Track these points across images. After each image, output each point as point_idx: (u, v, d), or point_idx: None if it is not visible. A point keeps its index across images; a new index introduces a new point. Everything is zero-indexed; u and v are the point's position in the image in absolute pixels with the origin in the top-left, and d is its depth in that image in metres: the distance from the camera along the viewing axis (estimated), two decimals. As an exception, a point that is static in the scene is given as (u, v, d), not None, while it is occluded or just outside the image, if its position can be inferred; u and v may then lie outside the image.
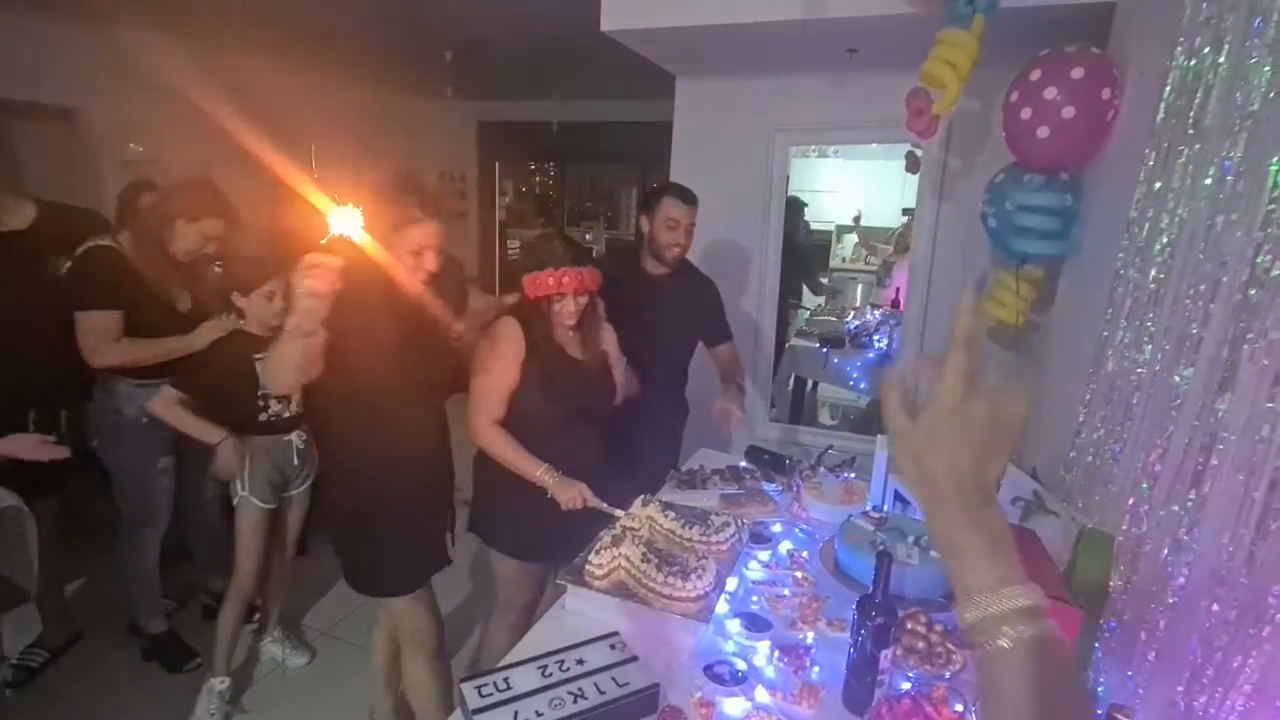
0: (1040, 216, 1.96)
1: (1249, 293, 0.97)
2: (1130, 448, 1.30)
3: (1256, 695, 0.81)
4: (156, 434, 2.22)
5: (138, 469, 2.29)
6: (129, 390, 2.21)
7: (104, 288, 2.10)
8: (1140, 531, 1.19)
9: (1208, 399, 1.03)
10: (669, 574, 1.39)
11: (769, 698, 1.21)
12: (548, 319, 1.78)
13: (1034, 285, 2.22)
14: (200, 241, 2.20)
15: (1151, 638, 1.07)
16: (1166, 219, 1.30)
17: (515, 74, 5.04)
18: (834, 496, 1.88)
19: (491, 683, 1.16)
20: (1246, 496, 0.89)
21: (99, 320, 2.10)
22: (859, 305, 5.77)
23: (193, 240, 2.19)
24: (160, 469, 2.31)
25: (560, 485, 1.74)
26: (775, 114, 3.33)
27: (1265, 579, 0.82)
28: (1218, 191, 1.13)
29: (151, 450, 2.27)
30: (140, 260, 2.14)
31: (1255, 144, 1.04)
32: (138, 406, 2.19)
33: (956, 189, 3.04)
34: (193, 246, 2.20)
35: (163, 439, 2.26)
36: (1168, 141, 1.35)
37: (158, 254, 2.16)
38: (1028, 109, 1.91)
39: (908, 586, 1.41)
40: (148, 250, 2.15)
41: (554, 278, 1.71)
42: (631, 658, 1.24)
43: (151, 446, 2.27)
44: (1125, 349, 1.40)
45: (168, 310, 2.22)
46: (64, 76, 3.74)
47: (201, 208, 2.18)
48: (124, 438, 2.25)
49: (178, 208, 2.16)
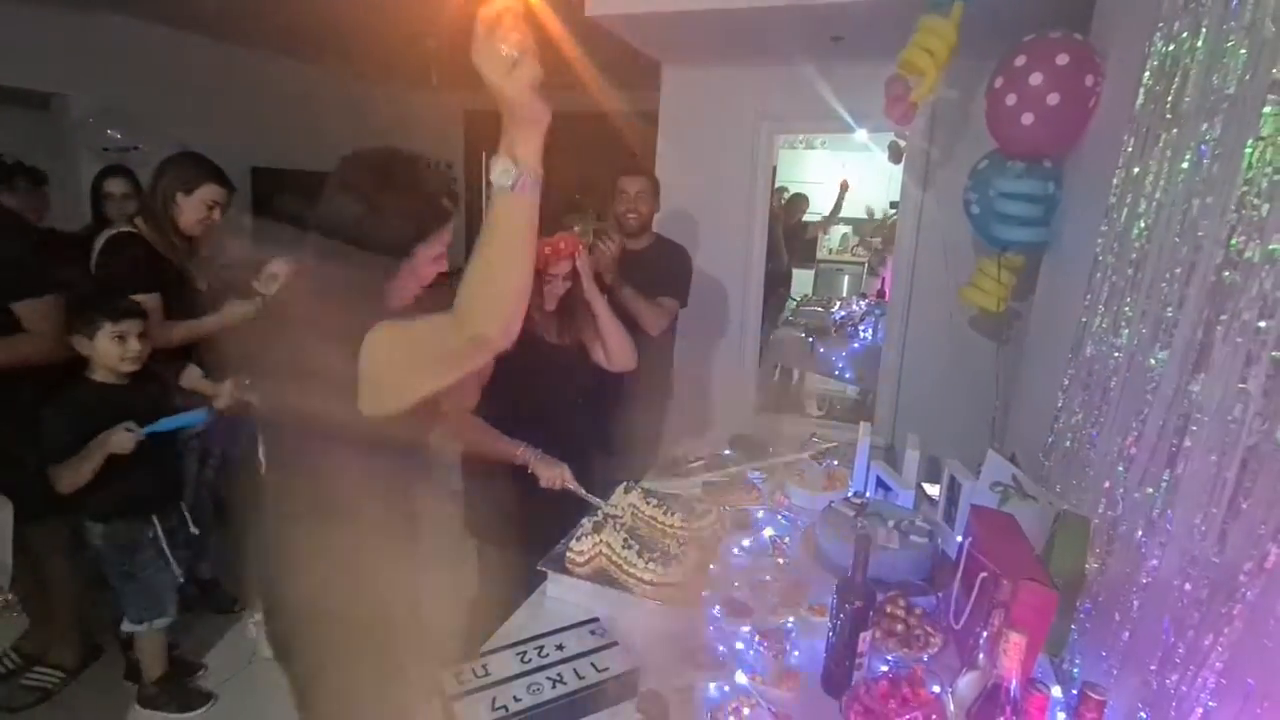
0: (1022, 204, 1.97)
1: (1223, 275, 0.98)
2: (1107, 431, 1.31)
3: (1227, 673, 0.82)
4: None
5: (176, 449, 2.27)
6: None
7: (144, 271, 2.12)
8: (1115, 514, 1.20)
9: (1182, 381, 1.04)
10: (650, 560, 1.39)
11: (749, 682, 1.21)
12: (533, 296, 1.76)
13: (1015, 272, 2.23)
14: (203, 211, 2.22)
15: (1125, 618, 1.08)
16: (1144, 204, 1.31)
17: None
18: (816, 483, 1.89)
19: (470, 669, 1.15)
20: (1219, 477, 0.89)
21: (151, 304, 2.10)
22: (845, 296, 5.79)
23: (197, 210, 2.21)
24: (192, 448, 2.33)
25: (541, 463, 1.72)
26: (761, 102, 3.33)
27: (1236, 557, 0.83)
28: (1194, 175, 1.14)
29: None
30: (160, 241, 2.18)
31: (1231, 127, 1.04)
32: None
33: (938, 178, 3.04)
34: (199, 216, 2.22)
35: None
36: (1146, 127, 1.36)
37: (170, 232, 2.20)
38: (1013, 95, 1.91)
39: (887, 570, 1.42)
40: (162, 230, 2.19)
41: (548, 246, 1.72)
42: (611, 643, 1.24)
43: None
44: (1103, 334, 1.41)
45: (190, 290, 2.25)
46: (41, 61, 3.67)
47: (194, 177, 2.20)
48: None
49: (171, 183, 2.18)
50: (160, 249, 2.18)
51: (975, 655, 1.09)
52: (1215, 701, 0.82)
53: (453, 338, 0.99)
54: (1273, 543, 0.77)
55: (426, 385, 1.05)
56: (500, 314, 0.97)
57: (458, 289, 0.97)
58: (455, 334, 0.98)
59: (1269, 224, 0.89)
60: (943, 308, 2.94)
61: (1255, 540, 0.80)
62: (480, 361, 1.08)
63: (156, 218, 2.19)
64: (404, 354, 1.02)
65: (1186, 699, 0.86)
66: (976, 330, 2.90)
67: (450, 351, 1.02)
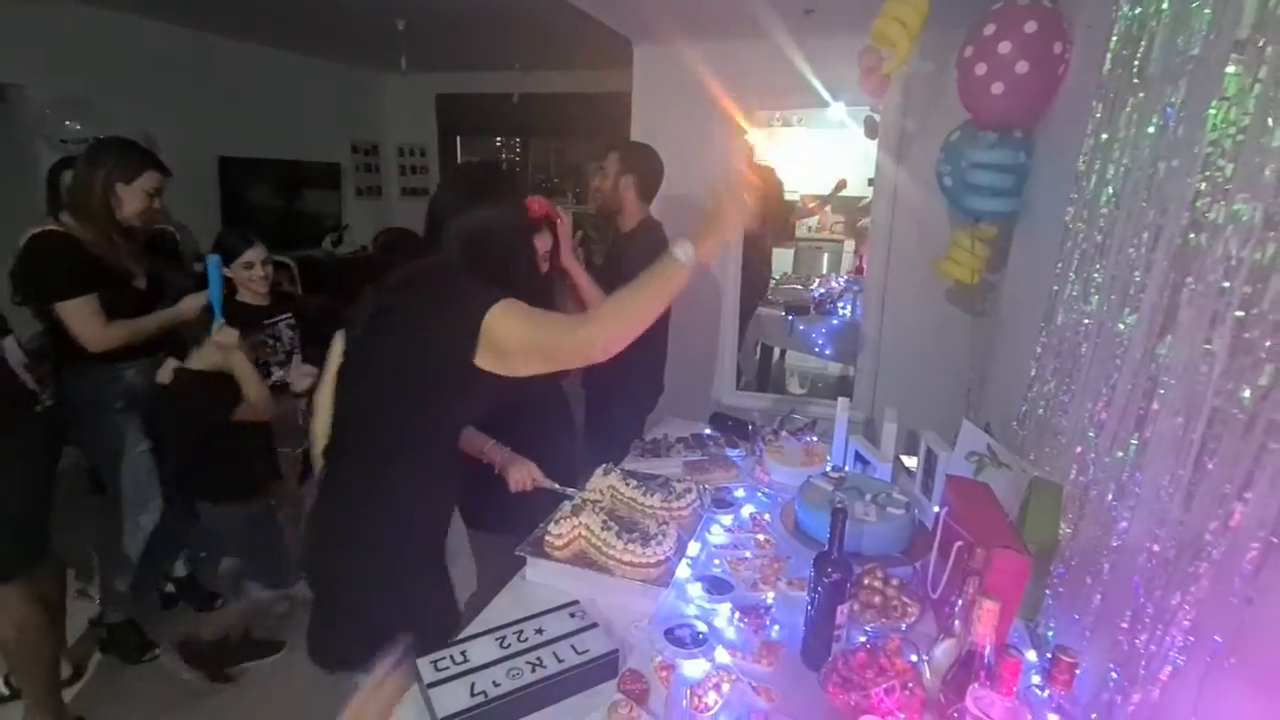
0: (994, 174, 1.97)
1: (1189, 237, 0.98)
2: (1078, 398, 1.31)
3: (1195, 631, 0.83)
4: (133, 418, 2.18)
5: (122, 454, 2.22)
6: (106, 373, 2.13)
7: (72, 273, 2.01)
8: (1087, 479, 1.21)
9: (1149, 345, 1.04)
10: (629, 541, 1.39)
11: (729, 658, 1.21)
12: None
13: (989, 244, 2.23)
14: (145, 200, 2.13)
15: (1097, 580, 1.09)
16: (1112, 169, 1.31)
17: (472, 43, 4.90)
18: (795, 459, 1.89)
19: (448, 656, 1.14)
20: (1185, 438, 0.90)
21: (84, 306, 2.02)
22: (824, 273, 5.80)
23: (138, 201, 2.12)
24: (141, 452, 2.24)
25: (510, 463, 1.70)
26: (734, 79, 3.29)
27: (1202, 517, 0.84)
28: (1161, 139, 1.14)
29: (133, 433, 2.21)
30: (95, 238, 2.06)
31: (1196, 88, 1.04)
32: (122, 387, 2.14)
33: (913, 152, 3.04)
34: (140, 206, 2.13)
35: (138, 423, 2.21)
36: (1114, 92, 1.36)
37: (109, 227, 2.09)
38: (982, 64, 1.90)
39: (865, 543, 1.42)
40: (101, 226, 2.08)
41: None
42: (591, 625, 1.23)
43: (132, 429, 2.20)
44: (1073, 301, 1.41)
45: (127, 288, 2.14)
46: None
47: (134, 165, 2.11)
48: (104, 423, 2.17)
49: (110, 173, 2.08)
50: (92, 246, 2.05)
51: (951, 623, 1.10)
52: (1184, 659, 0.83)
53: (571, 335, 1.22)
54: (1237, 501, 0.78)
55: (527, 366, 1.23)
56: (617, 337, 1.21)
57: (598, 303, 1.32)
58: (574, 333, 1.22)
59: (1233, 184, 0.89)
60: (919, 282, 2.94)
61: (1220, 499, 0.80)
62: (574, 364, 1.29)
63: (91, 211, 2.05)
64: (524, 328, 1.20)
65: (1156, 658, 0.87)
66: (953, 303, 2.91)
67: (560, 346, 1.23)
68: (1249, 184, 0.85)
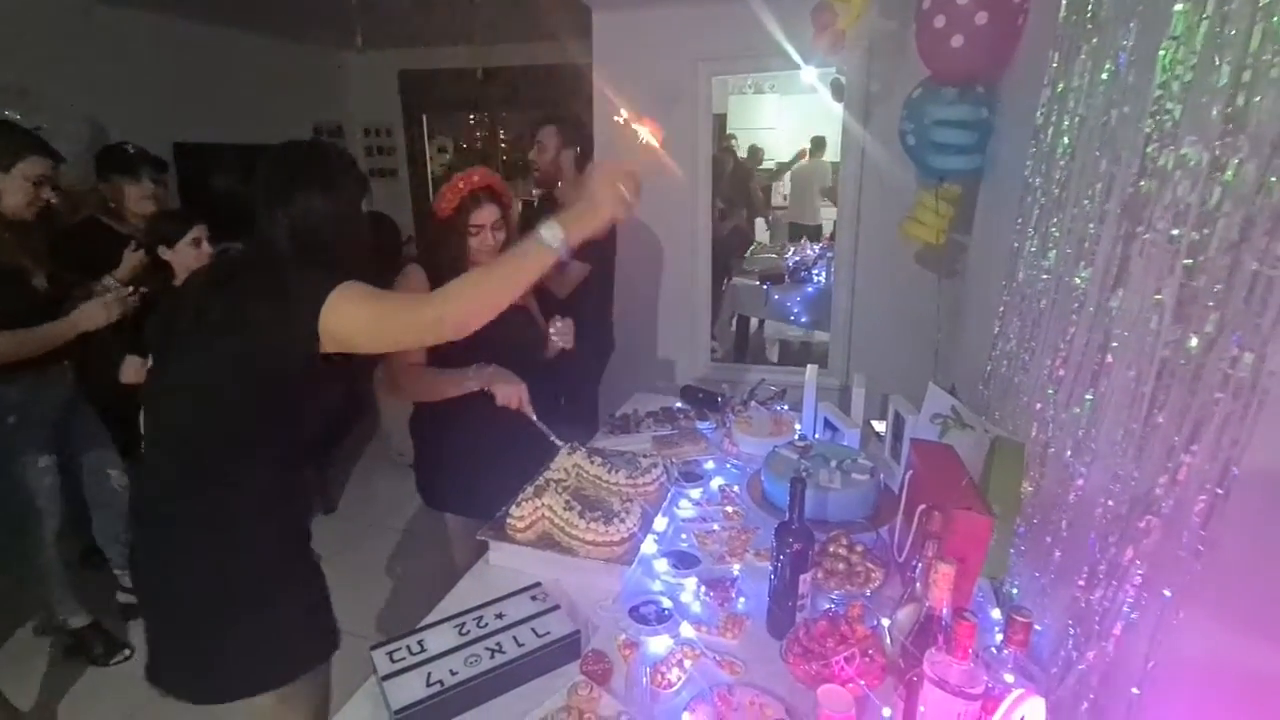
0: (956, 130, 1.93)
1: (1140, 185, 0.95)
2: (1037, 355, 1.30)
3: (1146, 585, 0.82)
4: (29, 433, 2.04)
5: (13, 471, 2.07)
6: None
7: None
8: (1047, 436, 1.20)
9: (1103, 297, 1.02)
10: (592, 520, 1.36)
11: (694, 632, 1.20)
12: (459, 260, 1.69)
13: (953, 203, 2.20)
14: (28, 190, 1.92)
15: (1056, 538, 1.08)
16: (1067, 120, 1.28)
17: (426, 16, 4.75)
18: (763, 429, 1.87)
19: (404, 646, 1.12)
20: (1137, 390, 0.88)
21: None
22: (800, 241, 5.76)
23: (20, 191, 1.90)
24: (41, 468, 2.10)
25: (498, 376, 1.65)
26: (696, 44, 3.21)
27: (1152, 471, 0.82)
28: (1113, 85, 1.10)
29: (27, 450, 2.06)
30: None
31: (1146, 31, 1.01)
32: (9, 403, 1.98)
33: (878, 113, 2.98)
34: (24, 198, 1.92)
35: (39, 438, 2.08)
36: (1069, 39, 1.32)
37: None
38: (941, 16, 1.86)
39: (830, 510, 1.41)
40: None
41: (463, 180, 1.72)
42: (553, 607, 1.21)
43: (25, 446, 2.06)
44: (1033, 257, 1.39)
45: (24, 290, 1.94)
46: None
47: (7, 150, 1.89)
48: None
49: None
50: None
51: (913, 587, 1.09)
52: (1136, 613, 0.83)
53: (417, 313, 1.17)
54: (1185, 454, 0.76)
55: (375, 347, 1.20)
56: (470, 314, 1.15)
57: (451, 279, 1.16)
58: (420, 311, 1.17)
59: (1181, 127, 0.86)
60: (888, 246, 2.91)
61: (1169, 452, 0.79)
62: (425, 342, 1.32)
63: None
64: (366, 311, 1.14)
65: (1109, 613, 0.87)
66: (923, 265, 2.88)
67: (407, 325, 1.18)
68: (1196, 126, 0.82)
